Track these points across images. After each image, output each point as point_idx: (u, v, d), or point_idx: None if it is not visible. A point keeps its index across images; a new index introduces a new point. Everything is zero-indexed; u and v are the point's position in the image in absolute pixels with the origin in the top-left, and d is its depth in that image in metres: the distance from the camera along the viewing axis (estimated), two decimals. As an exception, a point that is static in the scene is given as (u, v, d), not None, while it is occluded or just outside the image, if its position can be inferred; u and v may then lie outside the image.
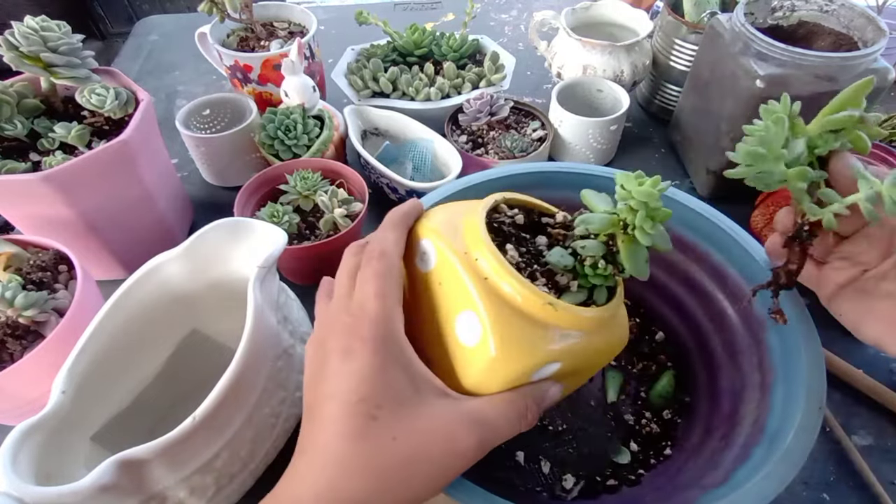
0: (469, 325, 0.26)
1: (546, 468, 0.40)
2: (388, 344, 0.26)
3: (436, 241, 0.28)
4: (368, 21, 0.73)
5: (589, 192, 0.29)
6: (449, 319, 0.27)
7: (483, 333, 0.25)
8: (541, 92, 0.84)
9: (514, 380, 0.26)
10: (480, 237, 0.27)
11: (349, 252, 0.31)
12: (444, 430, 0.25)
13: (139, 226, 0.54)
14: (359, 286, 0.28)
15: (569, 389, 0.30)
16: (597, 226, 0.27)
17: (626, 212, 0.27)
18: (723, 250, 0.40)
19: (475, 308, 0.26)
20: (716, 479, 0.31)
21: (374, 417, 0.24)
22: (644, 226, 0.26)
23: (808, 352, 0.32)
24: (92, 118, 0.51)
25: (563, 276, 0.28)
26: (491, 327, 0.25)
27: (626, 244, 0.27)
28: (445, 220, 0.29)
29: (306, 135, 0.60)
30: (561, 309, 0.26)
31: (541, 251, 0.28)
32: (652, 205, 0.26)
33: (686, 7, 0.69)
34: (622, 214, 0.27)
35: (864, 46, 0.54)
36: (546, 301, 0.25)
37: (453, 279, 0.27)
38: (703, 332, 0.42)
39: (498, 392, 0.26)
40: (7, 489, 0.27)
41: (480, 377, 0.26)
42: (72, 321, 0.40)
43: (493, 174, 0.43)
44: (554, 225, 0.30)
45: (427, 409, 0.25)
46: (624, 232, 0.27)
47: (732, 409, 0.36)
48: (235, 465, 0.35)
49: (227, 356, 0.33)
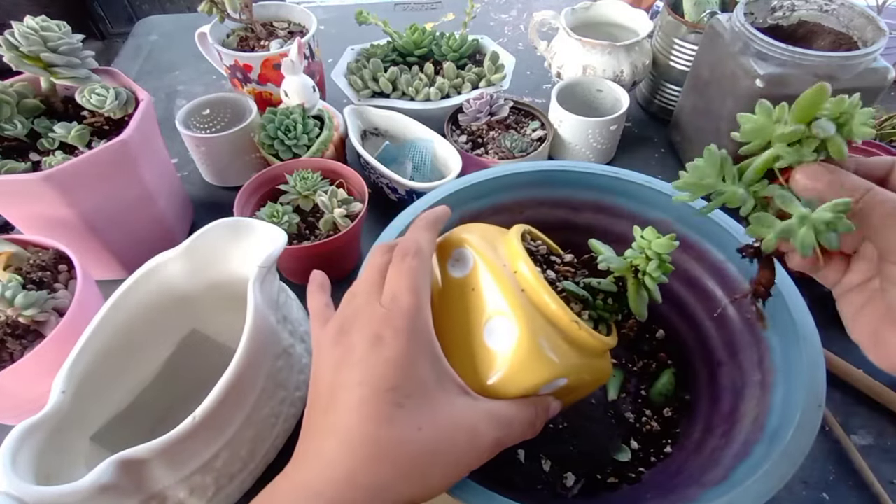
0: (500, 330, 0.28)
1: (546, 466, 0.40)
2: (419, 337, 0.27)
3: (476, 250, 0.30)
4: (368, 21, 0.73)
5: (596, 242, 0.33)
6: (478, 323, 0.28)
7: (515, 339, 0.27)
8: (541, 92, 0.84)
9: (530, 387, 0.28)
10: (520, 253, 0.30)
11: (378, 251, 0.31)
12: (467, 424, 0.26)
13: (139, 226, 0.54)
14: (392, 280, 0.28)
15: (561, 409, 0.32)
16: (616, 266, 0.31)
17: (641, 259, 0.31)
18: (722, 248, 0.40)
19: (510, 315, 0.28)
20: (716, 476, 0.31)
21: (402, 406, 0.25)
22: (654, 273, 0.30)
23: (808, 350, 0.32)
24: (92, 118, 0.51)
25: (576, 304, 0.30)
26: (523, 335, 0.27)
27: (633, 286, 0.31)
28: (481, 235, 0.31)
29: (306, 135, 0.60)
30: (583, 329, 0.28)
31: (552, 281, 0.31)
32: (664, 257, 0.30)
33: (686, 7, 0.69)
34: (636, 261, 0.31)
35: (864, 46, 0.54)
36: (572, 318, 0.28)
37: (489, 286, 0.29)
38: (704, 330, 0.42)
39: (513, 398, 0.28)
40: (7, 489, 0.27)
41: (503, 379, 0.27)
42: (72, 321, 0.40)
43: (494, 173, 0.43)
44: (562, 262, 0.33)
45: (450, 404, 0.26)
46: (634, 276, 0.31)
47: (733, 407, 0.36)
48: (235, 464, 0.35)
49: (227, 356, 0.33)
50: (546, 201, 0.45)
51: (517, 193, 0.44)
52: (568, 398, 0.31)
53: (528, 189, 0.44)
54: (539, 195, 0.45)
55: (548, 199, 0.45)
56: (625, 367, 0.46)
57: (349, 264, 0.58)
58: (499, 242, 0.31)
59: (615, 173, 0.43)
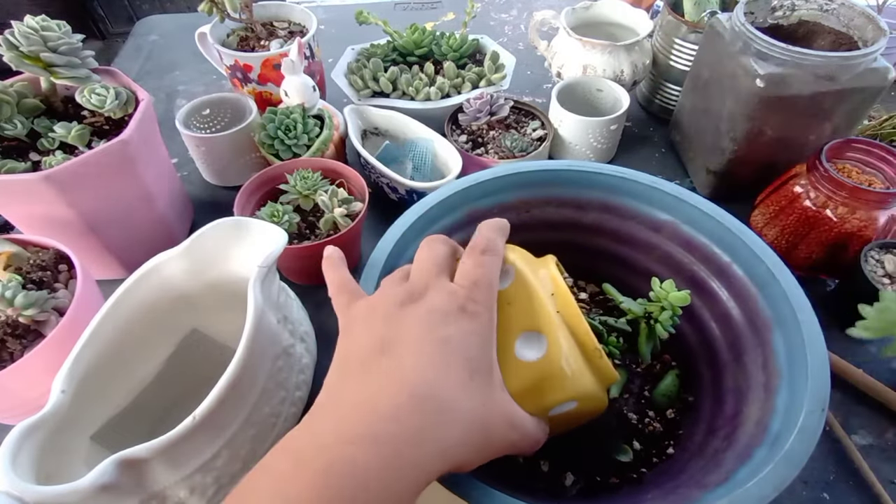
0: (531, 344, 0.29)
1: (546, 467, 0.40)
2: (492, 325, 0.28)
3: (517, 268, 0.31)
4: (368, 21, 0.73)
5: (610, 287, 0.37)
6: (511, 334, 0.29)
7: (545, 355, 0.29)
8: (541, 91, 0.84)
9: (547, 404, 0.29)
10: (559, 278, 0.31)
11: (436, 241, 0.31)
12: (506, 414, 0.26)
13: (139, 225, 0.54)
14: (470, 269, 0.29)
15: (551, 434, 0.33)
16: (633, 309, 0.36)
17: (656, 308, 0.34)
18: (729, 250, 0.39)
19: (543, 332, 0.29)
20: (717, 478, 0.31)
21: (473, 378, 0.25)
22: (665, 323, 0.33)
23: (813, 353, 0.32)
24: (92, 118, 0.51)
25: None
26: (553, 352, 0.29)
27: (644, 332, 0.35)
28: (521, 255, 0.33)
29: (306, 134, 0.59)
30: (603, 357, 0.30)
31: None
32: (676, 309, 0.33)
33: (686, 6, 0.69)
34: (650, 308, 0.35)
35: (864, 46, 0.54)
36: (596, 346, 0.30)
37: (526, 302, 0.30)
38: (709, 332, 0.42)
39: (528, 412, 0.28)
40: (7, 488, 0.27)
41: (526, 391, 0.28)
42: (72, 321, 0.40)
43: (501, 171, 0.43)
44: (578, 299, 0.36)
45: (500, 393, 0.27)
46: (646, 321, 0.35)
47: (736, 410, 0.36)
48: (236, 464, 0.35)
49: (227, 356, 0.33)
50: (552, 200, 0.45)
51: (523, 192, 0.44)
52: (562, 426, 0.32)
53: (534, 188, 0.44)
54: (545, 194, 0.44)
55: (554, 199, 0.45)
56: (629, 367, 0.46)
57: (350, 264, 0.58)
58: (537, 265, 0.32)
59: (621, 173, 0.42)
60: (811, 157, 0.53)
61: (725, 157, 0.60)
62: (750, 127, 0.56)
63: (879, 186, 0.52)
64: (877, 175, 0.54)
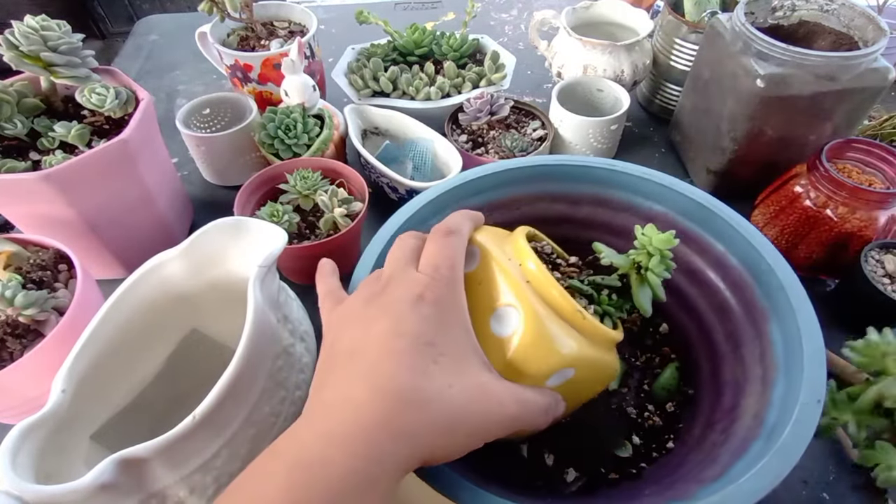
0: (506, 319, 0.29)
1: (550, 461, 0.40)
2: (456, 306, 0.28)
3: (482, 246, 0.31)
4: (369, 20, 0.73)
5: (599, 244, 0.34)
6: (485, 314, 0.29)
7: (521, 327, 0.28)
8: (541, 91, 0.84)
9: (537, 375, 0.28)
10: (524, 248, 0.31)
11: (407, 236, 0.32)
12: (493, 392, 0.26)
13: (139, 225, 0.54)
14: (432, 253, 0.29)
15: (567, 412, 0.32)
16: (619, 263, 0.33)
17: (643, 255, 0.32)
18: (725, 241, 0.40)
19: (515, 305, 0.28)
20: (714, 473, 0.31)
21: (437, 362, 0.25)
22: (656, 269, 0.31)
23: (809, 342, 0.32)
24: (92, 117, 0.51)
25: (582, 299, 0.31)
26: (529, 323, 0.28)
27: (636, 282, 0.32)
28: (487, 235, 0.32)
29: (306, 134, 0.59)
30: (588, 319, 0.29)
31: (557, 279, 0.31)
32: (665, 252, 0.31)
33: (686, 6, 0.69)
34: (638, 257, 0.32)
35: (865, 46, 0.54)
36: (577, 309, 0.29)
37: (495, 279, 0.30)
38: (707, 323, 0.42)
39: None
40: (7, 488, 0.27)
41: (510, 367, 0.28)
42: (72, 320, 0.40)
43: (490, 169, 0.43)
44: (567, 264, 0.34)
45: (479, 373, 0.27)
46: (637, 272, 0.32)
47: (734, 403, 0.36)
48: (235, 464, 0.35)
49: (227, 356, 0.33)
50: (544, 196, 0.45)
51: (514, 189, 0.44)
52: (575, 397, 0.32)
53: (525, 184, 0.44)
54: (537, 190, 0.44)
55: (546, 194, 0.45)
56: (628, 361, 0.46)
57: (349, 264, 0.57)
58: (505, 241, 0.32)
59: (612, 166, 0.42)
60: (811, 157, 0.53)
61: (726, 157, 0.60)
62: (750, 127, 0.56)
63: (879, 186, 0.52)
64: (877, 175, 0.54)
